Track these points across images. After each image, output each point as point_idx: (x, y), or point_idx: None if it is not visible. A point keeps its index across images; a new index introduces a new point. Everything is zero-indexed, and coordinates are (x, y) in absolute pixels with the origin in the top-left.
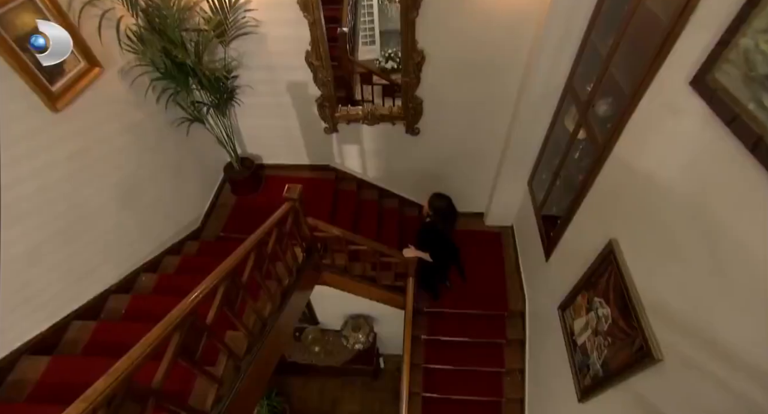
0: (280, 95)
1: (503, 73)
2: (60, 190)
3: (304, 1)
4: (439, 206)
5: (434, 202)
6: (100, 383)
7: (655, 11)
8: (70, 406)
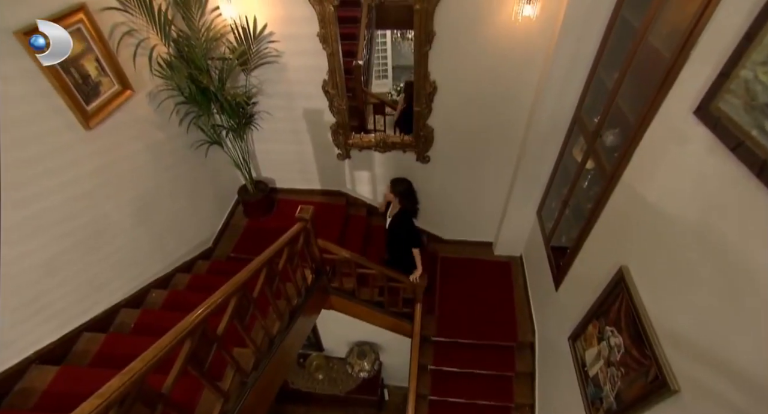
0: (297, 121)
1: (512, 104)
2: (82, 204)
3: (323, 34)
4: (403, 189)
5: (397, 187)
6: (114, 381)
7: (658, 47)
8: (86, 402)
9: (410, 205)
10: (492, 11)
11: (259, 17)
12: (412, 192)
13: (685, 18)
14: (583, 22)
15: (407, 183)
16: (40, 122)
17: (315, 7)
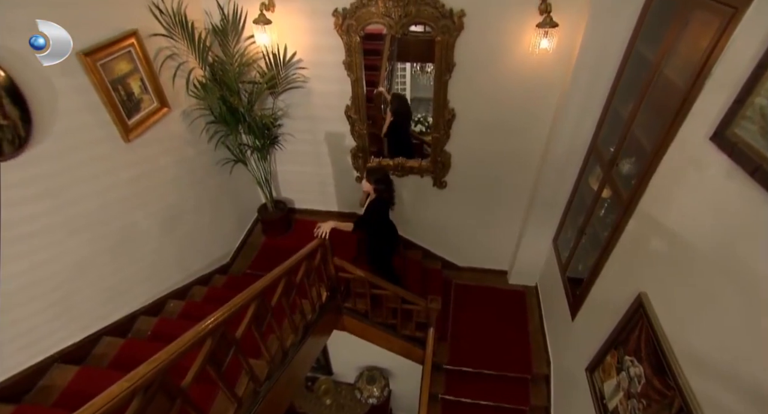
0: (318, 144)
1: (529, 133)
2: (115, 211)
3: (348, 62)
4: (379, 177)
5: (374, 175)
6: (141, 368)
7: (672, 78)
8: (115, 385)
9: (386, 193)
10: (510, 43)
11: (289, 45)
12: (388, 180)
13: (698, 50)
14: (598, 56)
15: (383, 171)
16: (86, 133)
17: (342, 37)
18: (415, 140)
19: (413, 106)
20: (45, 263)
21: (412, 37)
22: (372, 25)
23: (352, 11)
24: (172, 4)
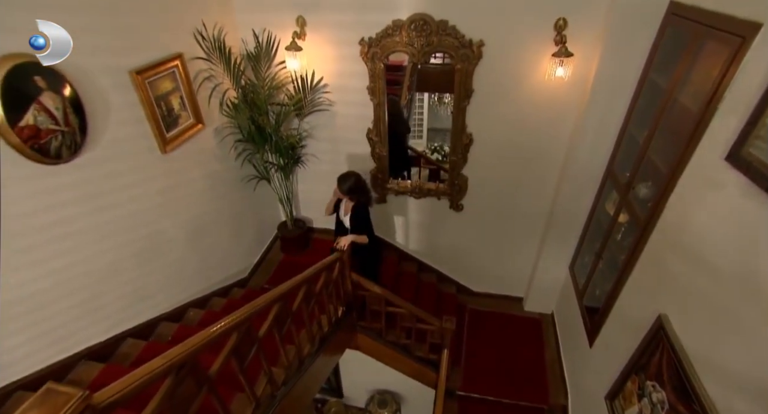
0: (340, 165)
1: (545, 158)
2: (147, 218)
3: (372, 87)
4: (351, 185)
5: (345, 185)
6: (176, 349)
7: (686, 103)
8: (153, 360)
9: (364, 197)
10: (527, 71)
11: (317, 71)
12: (361, 184)
13: (710, 77)
14: (613, 84)
15: (354, 176)
16: (130, 143)
17: (367, 64)
18: (432, 165)
19: (430, 137)
20: (81, 262)
21: (431, 68)
22: (395, 54)
23: (377, 40)
24: (213, 31)
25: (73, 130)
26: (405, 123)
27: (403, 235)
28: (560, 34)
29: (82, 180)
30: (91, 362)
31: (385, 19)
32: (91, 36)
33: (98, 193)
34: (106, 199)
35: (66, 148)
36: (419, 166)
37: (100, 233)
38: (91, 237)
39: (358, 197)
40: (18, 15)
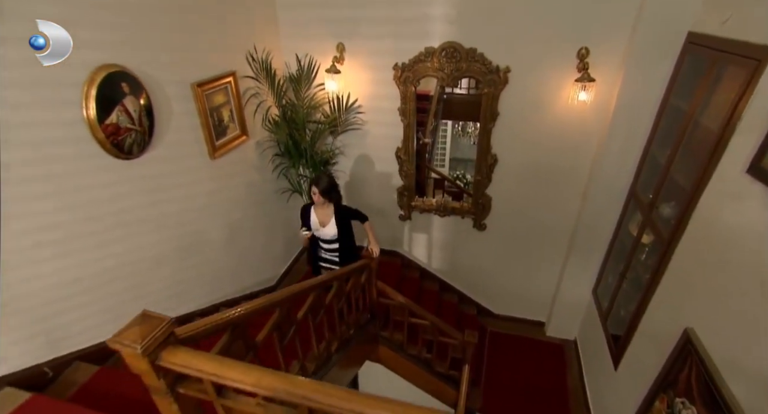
0: (367, 182)
1: (567, 180)
2: (191, 217)
3: (403, 108)
4: (328, 184)
5: (322, 184)
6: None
7: (706, 124)
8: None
9: (337, 196)
10: (550, 96)
11: (352, 92)
12: (334, 183)
13: (728, 99)
14: (634, 108)
15: (327, 175)
16: (185, 147)
17: (399, 87)
18: (454, 188)
19: (452, 166)
20: (136, 250)
21: (456, 97)
22: (423, 82)
23: (410, 65)
24: (262, 54)
25: (144, 130)
26: None
27: (426, 253)
28: (582, 61)
29: (144, 175)
30: None
31: (418, 46)
32: (166, 52)
33: (156, 188)
34: (161, 195)
35: (137, 146)
36: (443, 188)
37: (153, 225)
38: (146, 227)
39: (334, 197)
40: (111, 33)
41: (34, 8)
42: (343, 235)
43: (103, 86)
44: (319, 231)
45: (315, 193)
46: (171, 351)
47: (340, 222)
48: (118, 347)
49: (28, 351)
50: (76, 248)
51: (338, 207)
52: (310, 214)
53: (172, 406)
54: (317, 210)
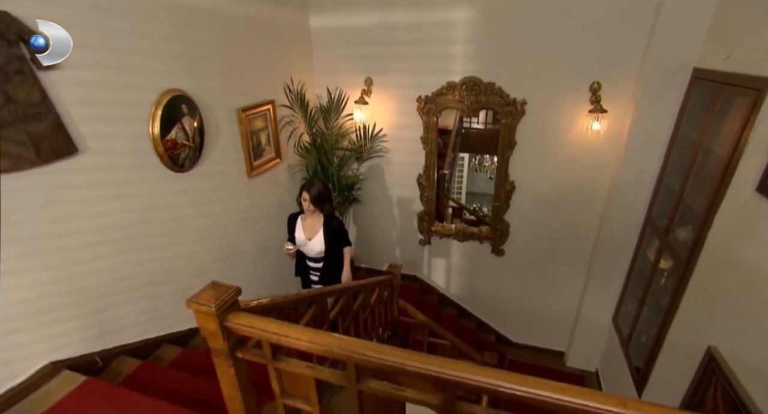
0: (389, 207)
1: (584, 207)
2: (229, 229)
3: (425, 137)
4: (320, 191)
5: (314, 189)
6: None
7: (716, 150)
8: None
9: (330, 207)
10: (565, 125)
11: (378, 122)
12: (329, 192)
13: (734, 126)
14: (646, 138)
15: (320, 181)
16: (227, 164)
17: (422, 117)
18: (473, 216)
19: (468, 199)
20: (183, 256)
21: (473, 131)
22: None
23: (432, 98)
24: (297, 86)
25: (195, 147)
26: None
27: (445, 278)
28: (595, 94)
29: (192, 188)
30: (171, 346)
31: (440, 80)
32: (218, 81)
33: (201, 200)
34: (204, 207)
35: (188, 161)
36: (461, 218)
37: (198, 235)
38: (191, 236)
39: (327, 208)
40: (176, 63)
41: (120, 43)
42: (330, 253)
43: (167, 107)
44: (305, 246)
45: (305, 199)
46: (236, 314)
47: (328, 237)
48: (195, 307)
49: (83, 340)
50: (130, 249)
51: (328, 220)
52: (296, 225)
53: (230, 370)
54: (305, 221)
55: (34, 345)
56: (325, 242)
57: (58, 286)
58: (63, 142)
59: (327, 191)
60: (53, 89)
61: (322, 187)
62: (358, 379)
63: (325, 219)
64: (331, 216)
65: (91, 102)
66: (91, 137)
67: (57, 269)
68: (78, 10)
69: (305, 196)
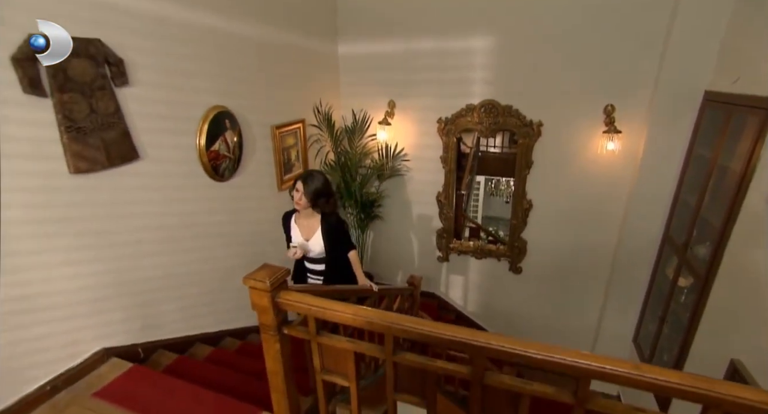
0: (408, 224)
1: (601, 226)
2: (257, 238)
3: (445, 156)
4: (319, 187)
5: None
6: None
7: (730, 166)
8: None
9: (331, 206)
10: (581, 145)
11: (399, 142)
12: (330, 188)
13: (746, 143)
14: (661, 157)
15: (322, 175)
16: (260, 176)
17: (442, 138)
18: (491, 238)
19: (484, 223)
20: (214, 259)
21: (490, 154)
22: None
23: (452, 119)
24: (325, 108)
25: (235, 158)
26: None
27: (462, 295)
28: (609, 116)
29: (228, 196)
30: (203, 345)
31: (459, 103)
32: (257, 100)
33: (235, 209)
34: (238, 216)
35: (228, 171)
36: (478, 237)
37: (231, 240)
38: (223, 241)
39: (325, 207)
40: (220, 83)
41: (176, 65)
42: (332, 255)
43: (213, 122)
44: (305, 245)
45: (298, 190)
46: (286, 292)
47: (328, 235)
48: (251, 283)
49: (128, 331)
50: (170, 250)
51: (326, 217)
52: (291, 224)
53: (276, 345)
54: (299, 220)
55: (89, 331)
56: (324, 242)
57: (109, 277)
58: (128, 148)
59: (327, 188)
60: (124, 103)
61: (323, 183)
62: (394, 351)
63: (322, 217)
64: (329, 213)
65: (151, 115)
66: (149, 146)
67: (109, 262)
68: (143, 37)
69: (298, 187)
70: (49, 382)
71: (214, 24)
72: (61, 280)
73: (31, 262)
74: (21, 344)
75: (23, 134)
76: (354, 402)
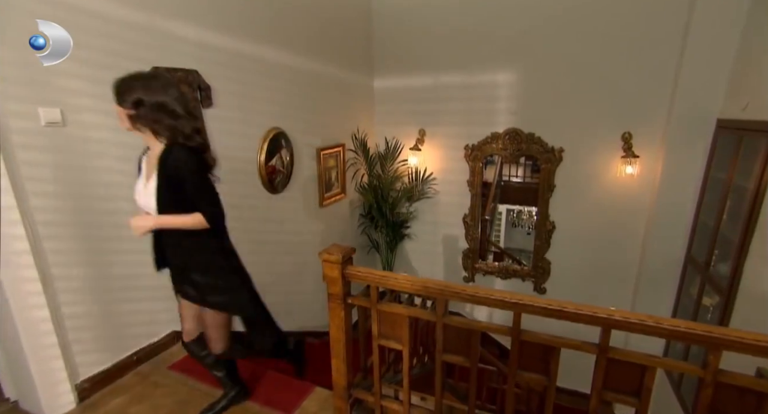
0: (435, 244)
1: (622, 246)
2: (299, 249)
3: (471, 180)
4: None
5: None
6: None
7: (744, 186)
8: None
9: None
10: (600, 169)
11: (429, 167)
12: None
13: (758, 165)
14: (678, 181)
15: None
16: (305, 193)
17: (469, 163)
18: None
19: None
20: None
21: (512, 184)
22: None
23: (478, 146)
24: (361, 135)
25: (287, 174)
26: None
27: (488, 315)
28: (627, 143)
29: (279, 208)
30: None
31: (485, 131)
32: (306, 124)
33: (283, 219)
34: (285, 226)
35: (281, 185)
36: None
37: (278, 248)
38: (273, 248)
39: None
40: (277, 108)
41: (247, 91)
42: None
43: (271, 141)
44: (139, 196)
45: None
46: (352, 267)
47: (161, 180)
48: (325, 256)
49: None
50: None
51: (168, 151)
52: (142, 165)
53: (341, 313)
54: (148, 156)
55: (164, 314)
56: (156, 190)
57: None
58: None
59: (157, 96)
60: (207, 121)
61: (152, 87)
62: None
63: (164, 150)
64: (170, 145)
65: (224, 132)
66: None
67: None
68: (225, 68)
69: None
70: (136, 352)
71: (277, 58)
72: (145, 265)
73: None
74: (123, 316)
75: None
76: (405, 365)
